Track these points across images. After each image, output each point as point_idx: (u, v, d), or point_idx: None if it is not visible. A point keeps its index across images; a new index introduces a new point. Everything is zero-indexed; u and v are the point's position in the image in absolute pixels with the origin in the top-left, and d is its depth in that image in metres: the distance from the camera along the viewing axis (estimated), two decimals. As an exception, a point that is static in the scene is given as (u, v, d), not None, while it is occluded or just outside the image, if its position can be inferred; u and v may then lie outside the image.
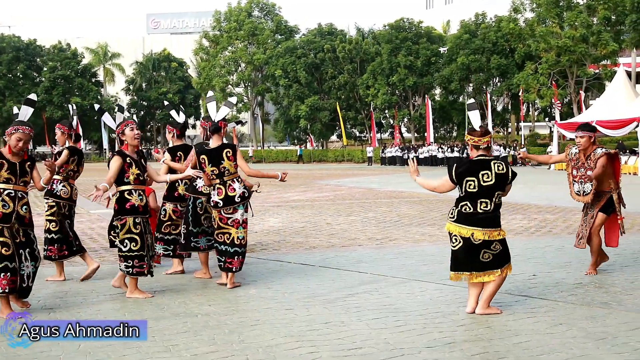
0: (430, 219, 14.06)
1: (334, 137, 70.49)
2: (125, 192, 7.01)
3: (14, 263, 6.27)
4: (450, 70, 53.78)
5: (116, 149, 7.30)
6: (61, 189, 7.89)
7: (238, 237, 7.52)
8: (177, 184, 8.32)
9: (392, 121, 60.91)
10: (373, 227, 12.96)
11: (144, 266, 7.02)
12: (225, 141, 7.84)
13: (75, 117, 8.68)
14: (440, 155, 48.08)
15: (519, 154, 9.26)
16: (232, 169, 7.61)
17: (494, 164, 6.11)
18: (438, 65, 56.64)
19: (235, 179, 7.61)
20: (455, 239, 6.23)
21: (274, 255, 9.80)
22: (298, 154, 62.37)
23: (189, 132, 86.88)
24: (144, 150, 8.68)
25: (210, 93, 8.94)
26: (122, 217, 7.00)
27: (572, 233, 11.67)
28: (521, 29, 49.64)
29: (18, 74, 73.12)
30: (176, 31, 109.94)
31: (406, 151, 52.06)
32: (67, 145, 8.17)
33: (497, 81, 56.03)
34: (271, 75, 63.24)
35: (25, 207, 6.48)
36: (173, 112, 8.87)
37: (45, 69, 72.41)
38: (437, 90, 61.47)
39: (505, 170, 6.10)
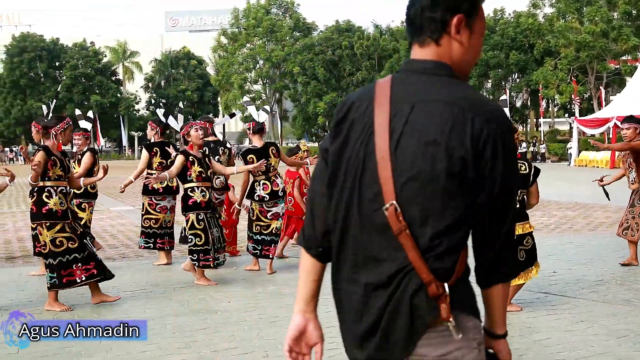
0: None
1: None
2: (189, 190, 7.41)
3: (82, 253, 6.47)
4: (468, 66, 53.47)
5: (180, 149, 7.74)
6: None
7: (276, 228, 8.20)
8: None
9: (410, 118, 60.68)
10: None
11: (210, 259, 7.39)
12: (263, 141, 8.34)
13: (50, 114, 8.89)
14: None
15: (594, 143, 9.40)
16: (276, 165, 8.26)
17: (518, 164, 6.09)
18: (456, 61, 56.33)
19: (277, 175, 8.25)
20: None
21: (292, 252, 9.81)
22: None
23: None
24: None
25: (246, 98, 9.11)
26: (185, 214, 7.42)
27: (593, 230, 11.60)
28: (540, 24, 49.29)
29: (39, 72, 73.73)
30: (194, 29, 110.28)
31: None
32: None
33: (516, 77, 55.70)
34: (289, 72, 63.30)
35: (72, 201, 6.85)
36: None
37: (66, 67, 72.92)
38: (456, 87, 61.16)
39: (527, 170, 6.06)
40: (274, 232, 8.16)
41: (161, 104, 78.03)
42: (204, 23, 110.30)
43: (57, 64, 74.96)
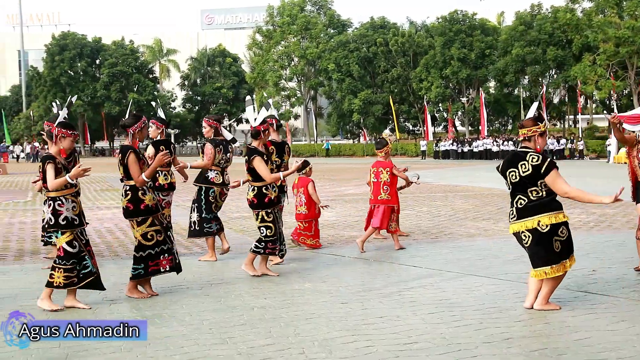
0: (485, 213, 13.89)
1: (386, 131, 70.18)
2: (263, 188, 7.71)
3: (167, 245, 6.92)
4: (505, 63, 52.96)
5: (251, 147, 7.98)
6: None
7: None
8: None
9: (445, 114, 60.35)
10: (427, 221, 12.88)
11: (276, 248, 7.85)
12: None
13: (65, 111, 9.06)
14: (495, 148, 47.43)
15: (612, 116, 8.83)
16: (287, 162, 8.77)
17: (530, 156, 6.01)
18: (492, 57, 55.82)
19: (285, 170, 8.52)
20: (525, 236, 6.06)
21: (328, 249, 9.83)
22: (324, 147, 62.35)
23: (244, 127, 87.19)
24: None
25: (247, 97, 9.13)
26: (256, 210, 7.78)
27: (632, 228, 11.38)
28: (578, 19, 48.56)
29: (79, 70, 74.79)
30: (230, 26, 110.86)
31: (460, 145, 51.55)
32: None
33: (553, 73, 54.95)
34: (324, 70, 63.31)
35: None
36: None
37: (104, 65, 73.87)
38: (492, 83, 60.64)
39: (539, 161, 5.95)
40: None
41: (196, 101, 78.71)
42: (239, 21, 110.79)
43: (96, 62, 75.98)
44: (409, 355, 4.92)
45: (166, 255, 6.89)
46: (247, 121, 8.25)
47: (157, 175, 8.62)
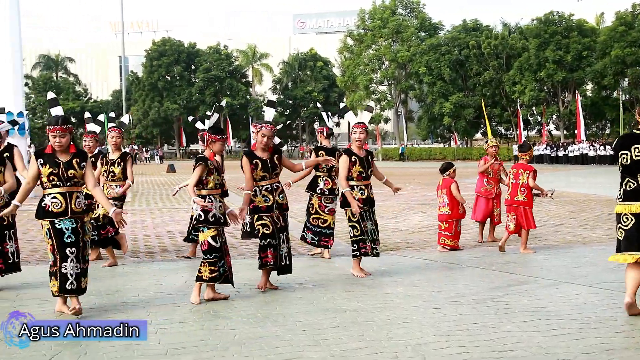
0: (582, 220, 13.48)
1: (478, 135, 69.11)
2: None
3: (275, 241, 7.19)
4: (603, 64, 51.23)
5: (344, 149, 8.22)
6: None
7: (333, 222, 9.25)
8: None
9: (539, 118, 58.89)
10: (521, 227, 12.60)
11: (367, 247, 7.96)
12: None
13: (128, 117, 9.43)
14: (591, 153, 45.93)
15: None
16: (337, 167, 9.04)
17: None
18: (590, 59, 54.08)
19: (335, 175, 9.08)
20: (626, 219, 5.98)
21: (420, 254, 9.77)
22: (400, 152, 61.72)
23: (333, 130, 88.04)
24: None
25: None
26: (345, 209, 7.99)
27: None
28: (683, 18, 46.49)
29: (175, 75, 77.09)
30: (321, 31, 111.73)
31: (555, 149, 50.18)
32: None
33: (655, 75, 52.79)
34: (415, 73, 62.94)
35: (281, 195, 7.35)
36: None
37: (199, 70, 75.83)
38: (589, 86, 58.76)
39: None
40: (331, 225, 9.20)
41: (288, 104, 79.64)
42: (331, 25, 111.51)
43: (191, 67, 78.12)
44: (504, 363, 4.84)
45: (271, 249, 7.18)
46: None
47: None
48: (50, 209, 6.07)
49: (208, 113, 8.13)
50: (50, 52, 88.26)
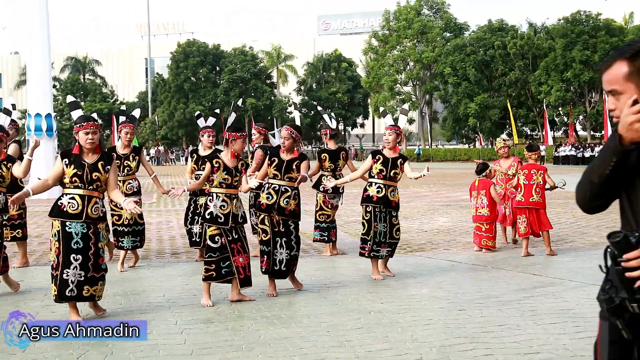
0: (609, 221, 13.34)
1: (503, 136, 68.60)
2: (368, 185, 8.09)
3: (269, 248, 7.18)
4: (632, 64, 50.58)
5: (374, 150, 8.59)
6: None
7: (334, 218, 9.77)
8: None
9: (566, 119, 58.32)
10: (548, 228, 12.50)
11: (366, 249, 8.00)
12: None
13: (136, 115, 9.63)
14: (619, 154, 45.38)
15: None
16: (342, 167, 9.84)
17: None
18: (618, 59, 53.39)
19: (341, 175, 9.65)
20: None
21: (444, 255, 9.74)
22: (416, 153, 61.40)
23: (358, 131, 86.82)
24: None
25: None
26: (362, 204, 8.09)
27: None
28: None
29: (201, 76, 77.53)
30: (346, 32, 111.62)
31: (581, 149, 49.72)
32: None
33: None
34: (440, 73, 62.65)
35: (287, 200, 7.24)
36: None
37: (224, 71, 76.19)
38: (617, 86, 58.01)
39: None
40: (334, 220, 9.74)
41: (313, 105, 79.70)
42: (355, 26, 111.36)
43: (216, 68, 78.49)
44: (529, 365, 4.81)
45: (265, 257, 7.21)
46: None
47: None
48: (65, 209, 5.94)
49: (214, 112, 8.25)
50: (78, 55, 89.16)
